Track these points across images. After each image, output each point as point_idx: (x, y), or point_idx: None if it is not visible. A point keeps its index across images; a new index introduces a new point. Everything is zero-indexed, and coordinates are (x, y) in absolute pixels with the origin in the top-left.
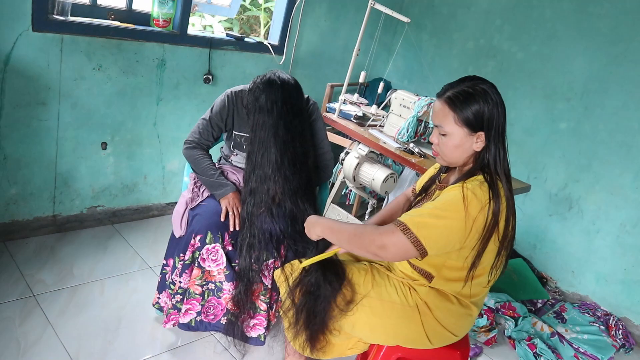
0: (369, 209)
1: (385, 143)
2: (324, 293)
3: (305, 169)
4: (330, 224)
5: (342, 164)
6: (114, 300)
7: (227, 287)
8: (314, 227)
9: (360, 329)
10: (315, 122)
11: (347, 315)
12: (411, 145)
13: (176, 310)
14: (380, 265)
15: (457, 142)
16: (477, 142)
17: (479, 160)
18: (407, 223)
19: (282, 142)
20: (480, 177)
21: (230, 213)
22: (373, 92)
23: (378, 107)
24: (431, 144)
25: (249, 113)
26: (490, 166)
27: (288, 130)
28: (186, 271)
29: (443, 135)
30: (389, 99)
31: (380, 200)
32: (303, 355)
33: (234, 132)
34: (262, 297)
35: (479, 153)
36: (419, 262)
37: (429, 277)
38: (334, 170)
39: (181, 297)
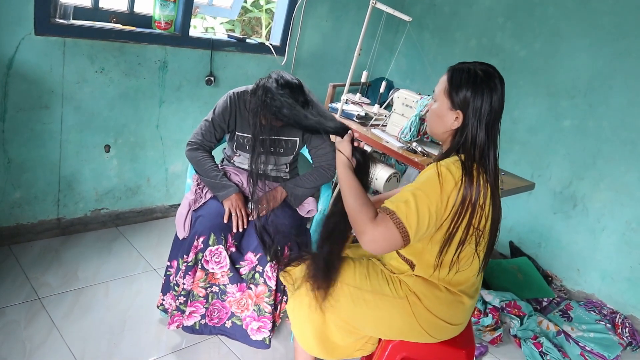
0: None
1: (387, 142)
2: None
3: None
4: (345, 184)
5: None
6: (118, 302)
7: (231, 289)
8: (338, 168)
9: (364, 323)
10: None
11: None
12: (414, 144)
13: (180, 312)
14: (374, 257)
15: (439, 111)
16: (455, 120)
17: (455, 141)
18: (393, 209)
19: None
20: (455, 156)
21: (234, 214)
22: (375, 91)
23: (380, 107)
24: (434, 142)
25: (255, 115)
26: (467, 151)
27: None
28: (189, 273)
29: (435, 101)
30: (391, 98)
31: None
32: (311, 356)
33: (236, 133)
34: (266, 300)
35: (456, 133)
36: (402, 250)
37: (411, 265)
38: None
39: (185, 298)
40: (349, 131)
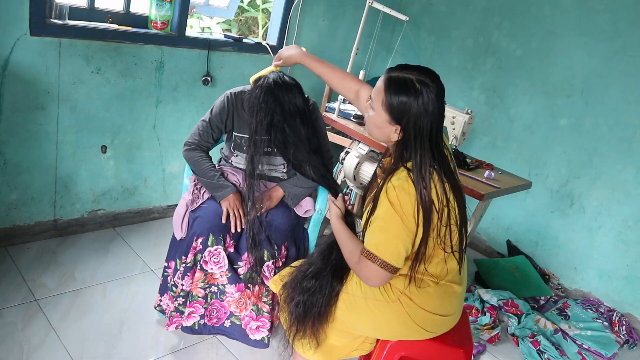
0: None
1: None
2: (321, 285)
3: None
4: (336, 232)
5: (342, 163)
6: (116, 304)
7: (230, 289)
8: (332, 219)
9: (361, 327)
10: (315, 122)
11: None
12: None
13: (179, 313)
14: None
15: (378, 122)
16: (395, 133)
17: (399, 152)
18: (370, 249)
19: (284, 143)
20: (404, 172)
21: (232, 214)
22: None
23: None
24: None
25: (252, 115)
26: (413, 160)
27: (292, 132)
28: (188, 274)
29: (372, 109)
30: None
31: None
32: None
33: (234, 133)
34: (265, 299)
35: (399, 145)
36: None
37: None
38: (334, 170)
39: (184, 300)
40: (341, 194)
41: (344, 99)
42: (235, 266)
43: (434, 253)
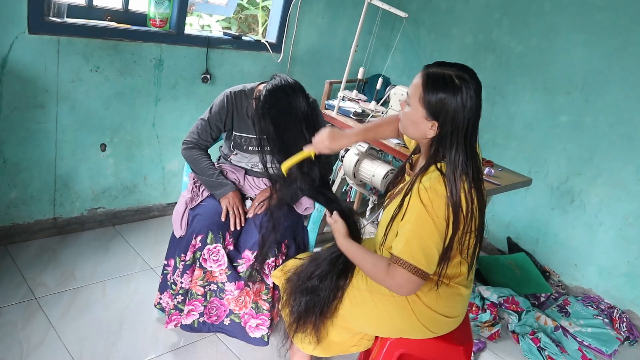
0: (369, 206)
1: (385, 139)
2: (326, 286)
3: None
4: (348, 253)
5: (342, 160)
6: (116, 302)
7: (230, 287)
8: (338, 241)
9: (364, 323)
10: (315, 120)
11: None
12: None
13: (178, 311)
14: None
15: (414, 118)
16: (431, 129)
17: (433, 150)
18: (401, 256)
19: (288, 145)
20: (436, 173)
21: (231, 212)
22: (372, 88)
23: (377, 103)
24: None
25: (257, 118)
26: (447, 160)
27: (297, 132)
28: (187, 272)
29: (408, 105)
30: (388, 95)
31: (380, 196)
32: (307, 354)
33: (234, 132)
34: (265, 297)
35: (434, 142)
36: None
37: None
38: (334, 168)
39: (183, 297)
40: (335, 212)
41: (343, 96)
42: (234, 264)
43: (453, 256)
